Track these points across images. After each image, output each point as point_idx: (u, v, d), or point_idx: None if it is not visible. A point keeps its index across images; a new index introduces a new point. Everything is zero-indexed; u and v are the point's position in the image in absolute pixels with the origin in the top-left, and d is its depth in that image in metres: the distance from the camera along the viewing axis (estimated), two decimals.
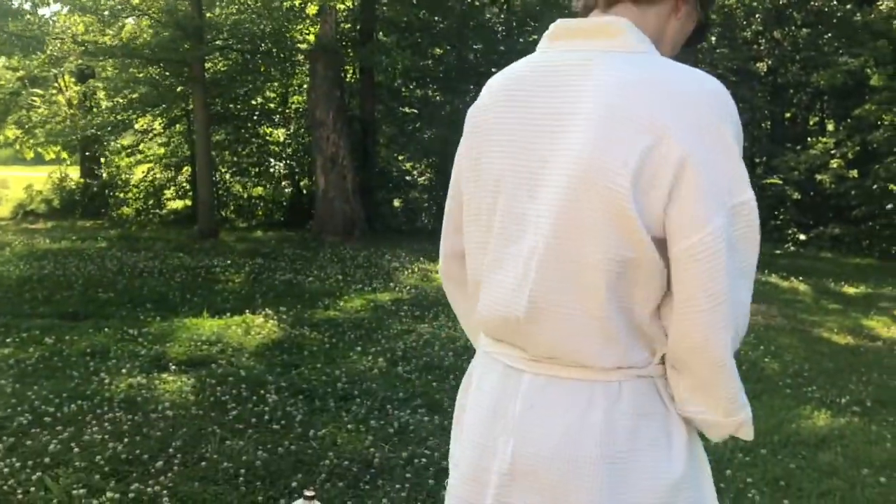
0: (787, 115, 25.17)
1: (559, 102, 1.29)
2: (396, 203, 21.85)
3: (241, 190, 20.10)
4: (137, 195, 18.76)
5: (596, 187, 1.22)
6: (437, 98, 19.42)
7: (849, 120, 19.18)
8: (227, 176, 19.23)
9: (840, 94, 21.12)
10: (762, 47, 21.56)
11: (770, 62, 20.82)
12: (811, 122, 24.60)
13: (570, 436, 1.30)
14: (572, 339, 1.30)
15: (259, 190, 20.08)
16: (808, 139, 21.56)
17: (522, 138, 1.33)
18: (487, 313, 1.41)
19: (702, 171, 1.20)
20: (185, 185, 18.84)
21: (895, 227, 17.93)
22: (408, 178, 21.87)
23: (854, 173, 19.03)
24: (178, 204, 19.29)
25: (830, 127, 22.57)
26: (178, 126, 18.12)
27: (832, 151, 19.55)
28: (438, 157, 20.43)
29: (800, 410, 5.06)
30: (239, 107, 17.77)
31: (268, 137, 19.08)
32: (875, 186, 17.94)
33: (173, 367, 5.35)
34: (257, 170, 19.20)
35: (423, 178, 22.32)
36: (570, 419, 1.30)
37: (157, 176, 18.87)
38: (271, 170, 19.04)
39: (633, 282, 1.27)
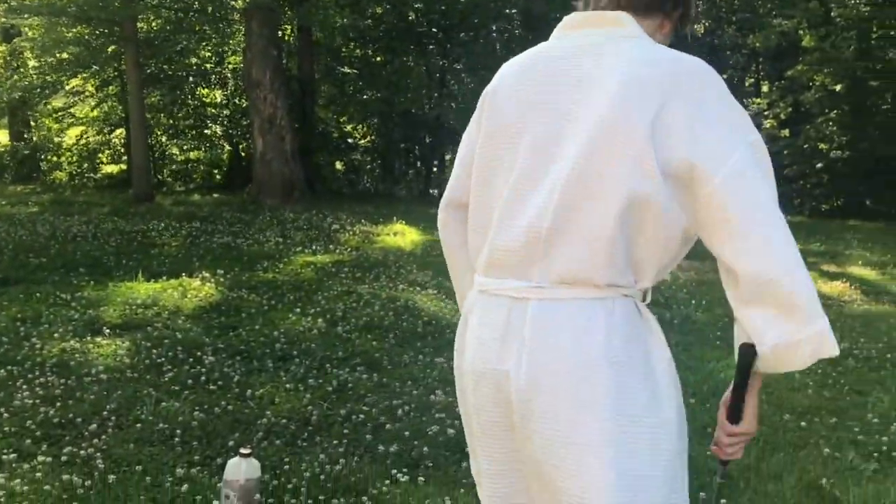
0: (724, 76, 25.49)
1: (578, 72, 1.54)
2: (338, 166, 21.68)
3: (178, 153, 19.70)
4: (70, 159, 18.26)
5: (619, 136, 1.46)
6: (378, 58, 19.20)
7: (782, 81, 19.57)
8: (164, 139, 18.82)
9: (774, 56, 21.55)
10: (699, 9, 21.74)
11: (707, 24, 21.06)
12: (747, 84, 25.00)
13: (578, 347, 1.51)
14: (583, 258, 1.51)
15: (197, 153, 19.70)
16: (744, 100, 21.88)
17: (544, 98, 1.57)
18: (504, 243, 1.59)
19: (712, 117, 1.45)
20: (120, 148, 18.39)
21: (825, 186, 18.47)
22: (349, 140, 21.71)
23: (786, 133, 19.49)
24: (113, 168, 18.82)
25: (765, 88, 23.00)
26: (111, 88, 17.60)
27: (765, 112, 19.97)
28: (380, 119, 20.30)
29: (729, 361, 5.22)
30: (174, 67, 17.32)
31: (204, 99, 18.69)
32: (806, 146, 18.40)
33: (107, 331, 5.28)
34: (194, 132, 18.82)
35: (366, 140, 22.17)
36: (576, 334, 1.51)
37: (91, 139, 18.37)
38: (208, 132, 18.67)
39: (642, 221, 1.49)
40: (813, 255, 10.31)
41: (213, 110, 18.69)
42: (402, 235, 10.60)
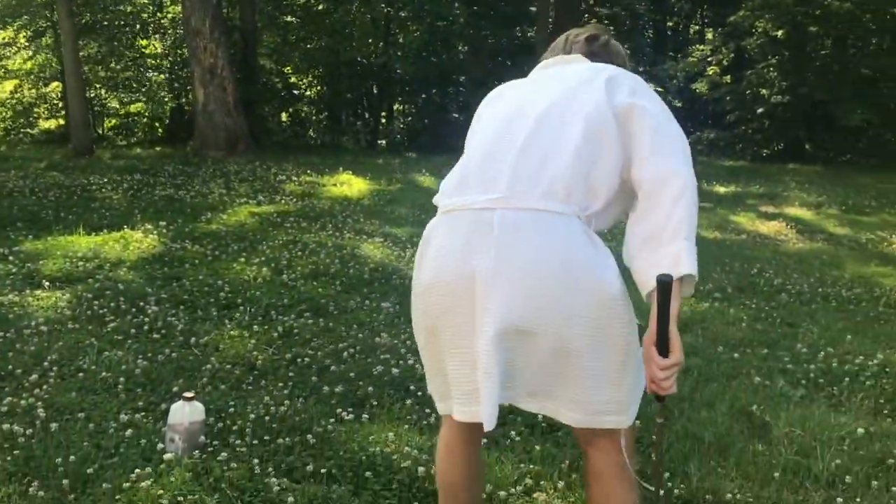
0: (670, 24, 25.66)
1: (555, 71, 2.09)
2: (284, 117, 21.36)
3: (118, 106, 19.21)
4: (5, 114, 17.70)
5: (584, 86, 1.96)
6: (321, 6, 18.84)
7: (724, 27, 19.73)
8: (103, 92, 18.32)
9: (719, 2, 21.66)
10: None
11: None
12: (692, 31, 25.16)
13: (539, 250, 1.79)
14: (548, 171, 1.85)
15: (138, 106, 19.24)
16: (689, 48, 22.05)
17: (526, 90, 2.08)
18: (477, 162, 1.95)
19: (644, 89, 1.98)
20: (56, 102, 17.87)
21: (766, 131, 18.81)
22: (295, 91, 21.36)
23: (728, 79, 19.72)
24: (51, 123, 18.31)
25: (710, 35, 23.17)
26: (44, 39, 17.03)
27: (709, 59, 20.15)
28: (325, 69, 19.98)
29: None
30: (109, 17, 16.79)
31: (143, 50, 18.19)
32: (748, 92, 18.66)
33: (47, 283, 5.20)
34: (134, 85, 18.33)
35: (311, 91, 21.84)
36: (538, 238, 1.80)
37: (26, 93, 17.80)
38: (149, 84, 18.20)
39: (600, 144, 1.88)
40: (752, 198, 10.56)
41: (153, 61, 18.22)
42: (348, 185, 10.56)
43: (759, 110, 18.68)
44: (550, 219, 1.82)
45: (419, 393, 3.59)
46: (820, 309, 5.37)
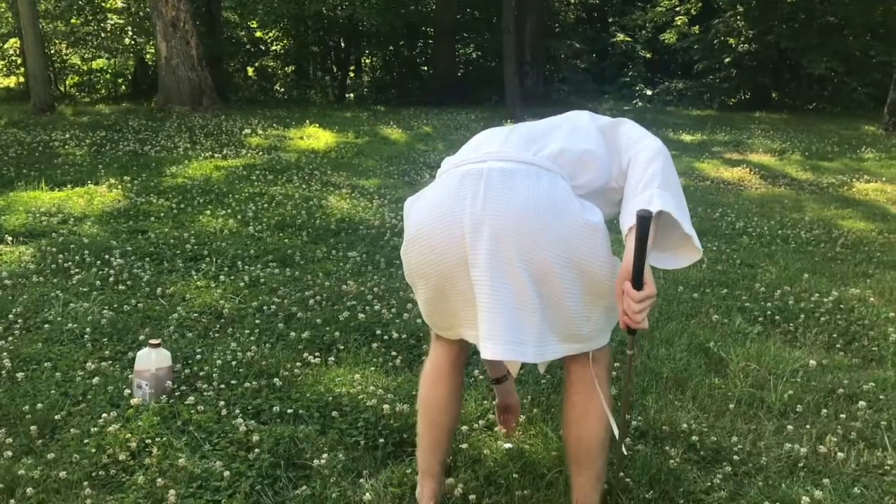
0: None
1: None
2: (251, 72, 21.06)
3: (80, 63, 18.83)
4: None
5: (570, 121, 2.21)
6: None
7: None
8: (63, 47, 17.94)
9: None
10: None
11: None
12: None
13: (528, 189, 1.93)
14: (540, 143, 2.05)
15: (100, 62, 18.88)
16: None
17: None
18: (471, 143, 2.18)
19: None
20: (15, 59, 17.47)
21: (733, 80, 18.87)
22: (261, 46, 21.04)
23: (696, 29, 19.70)
24: (10, 81, 17.92)
25: None
26: None
27: (677, 8, 20.09)
28: (291, 22, 19.69)
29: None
30: None
31: (103, 4, 17.78)
32: (715, 41, 18.67)
33: (10, 238, 5.15)
34: (96, 40, 17.95)
35: (277, 45, 21.53)
36: (526, 185, 1.93)
37: None
38: (109, 38, 17.82)
39: (586, 141, 2.06)
40: (717, 145, 10.64)
41: (115, 16, 17.82)
42: (315, 138, 10.49)
43: (727, 59, 18.72)
44: (539, 171, 1.98)
45: (385, 337, 3.64)
46: (779, 250, 5.48)
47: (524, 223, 1.90)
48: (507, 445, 2.71)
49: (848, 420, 2.96)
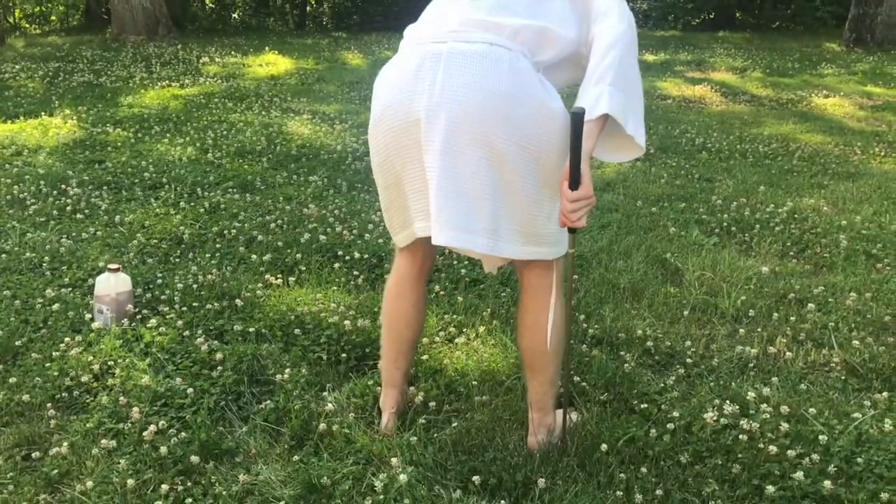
0: None
1: None
2: (208, 0, 20.48)
3: None
4: None
5: None
6: None
7: None
8: None
9: None
10: None
11: None
12: None
13: (487, 76, 1.88)
14: (503, 13, 1.94)
15: None
16: None
17: None
18: (436, 5, 2.09)
19: None
20: None
21: (696, 1, 18.70)
22: None
23: None
24: None
25: None
26: None
27: None
28: None
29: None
30: None
31: None
32: None
33: None
34: None
35: None
36: (486, 65, 1.88)
37: None
38: None
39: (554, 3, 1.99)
40: (680, 65, 10.62)
41: None
42: (274, 65, 10.30)
43: None
44: (499, 51, 1.91)
45: (347, 257, 3.66)
46: (737, 164, 5.54)
47: (481, 111, 1.87)
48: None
49: (798, 322, 3.06)
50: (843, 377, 2.68)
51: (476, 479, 2.06)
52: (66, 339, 2.85)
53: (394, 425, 2.32)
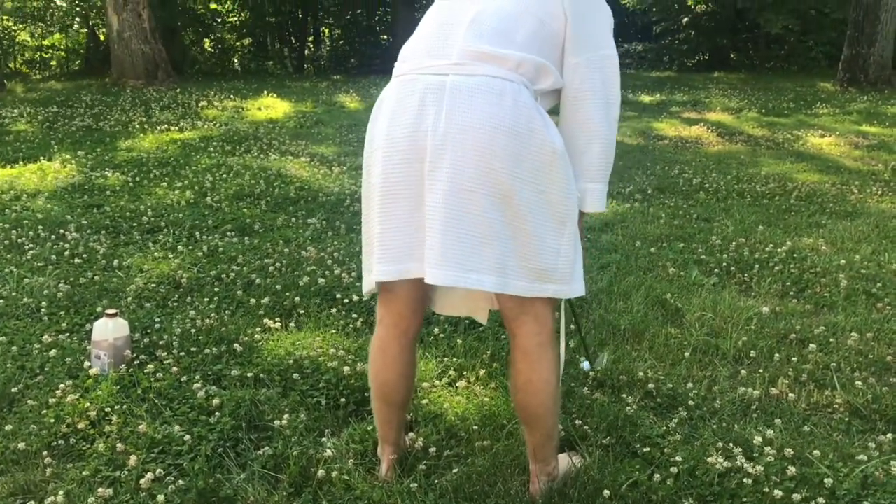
0: None
1: None
2: (208, 45, 20.71)
3: (30, 40, 18.39)
4: None
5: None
6: None
7: None
8: (11, 24, 17.49)
9: None
10: None
11: None
12: None
13: (491, 112, 1.88)
14: (501, 32, 1.95)
15: (52, 39, 18.45)
16: None
17: None
18: (430, 31, 2.03)
19: (580, 22, 2.01)
20: None
21: (692, 41, 18.96)
22: (218, 18, 20.68)
23: None
24: None
25: None
26: None
27: None
28: None
29: None
30: None
31: None
32: (675, 3, 18.70)
33: None
34: (45, 15, 17.53)
35: (235, 17, 21.17)
36: (490, 100, 1.88)
37: None
38: (58, 13, 17.41)
39: (553, 30, 1.98)
40: (676, 105, 10.72)
41: None
42: (272, 109, 10.38)
43: (685, 20, 18.79)
44: (501, 84, 1.90)
45: (345, 300, 3.64)
46: (735, 204, 5.56)
47: (486, 148, 1.86)
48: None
49: (799, 363, 3.04)
50: (846, 419, 2.66)
51: None
52: (63, 385, 2.82)
53: (393, 473, 2.29)
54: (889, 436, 2.52)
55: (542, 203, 1.93)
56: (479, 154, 1.86)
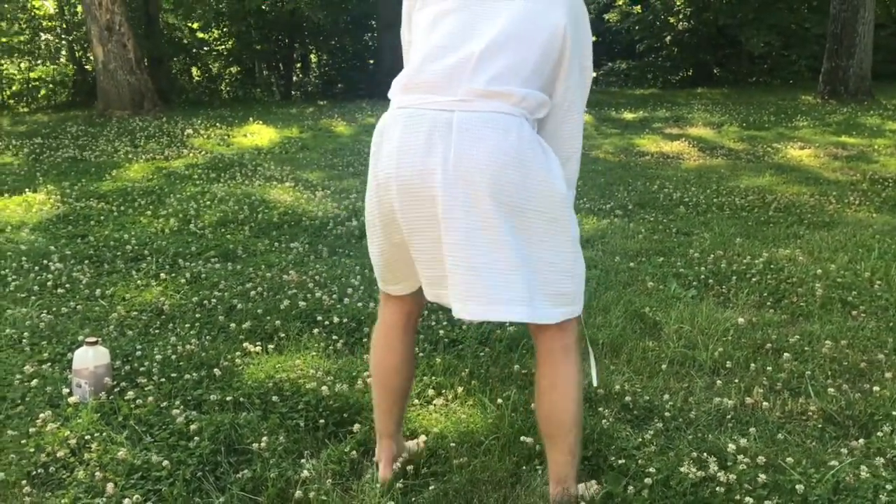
0: None
1: None
2: (195, 74, 20.80)
3: (16, 73, 18.45)
4: None
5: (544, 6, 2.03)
6: None
7: None
8: None
9: None
10: None
11: None
12: None
13: (497, 148, 1.92)
14: (512, 65, 1.97)
15: (38, 72, 18.51)
16: None
17: None
18: (435, 65, 2.00)
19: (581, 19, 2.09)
20: None
21: (675, 58, 19.14)
22: (205, 47, 20.79)
23: (638, 9, 19.92)
24: None
25: None
26: None
27: None
28: (231, 20, 19.48)
29: None
30: None
31: (36, 11, 17.44)
32: (656, 21, 18.91)
33: None
34: (31, 48, 17.61)
35: (221, 45, 21.28)
36: (496, 137, 1.93)
37: None
38: (43, 46, 17.49)
39: (554, 63, 2.02)
40: (658, 122, 10.81)
41: (49, 23, 17.49)
42: (258, 135, 10.44)
43: (667, 38, 18.99)
44: (506, 120, 1.95)
45: (326, 322, 3.67)
46: (714, 217, 5.61)
47: (499, 181, 1.91)
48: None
49: (774, 372, 3.07)
50: (819, 425, 2.69)
51: None
52: (43, 414, 2.83)
53: (391, 475, 2.32)
54: (861, 441, 2.55)
55: (556, 230, 2.01)
56: (492, 190, 1.91)
